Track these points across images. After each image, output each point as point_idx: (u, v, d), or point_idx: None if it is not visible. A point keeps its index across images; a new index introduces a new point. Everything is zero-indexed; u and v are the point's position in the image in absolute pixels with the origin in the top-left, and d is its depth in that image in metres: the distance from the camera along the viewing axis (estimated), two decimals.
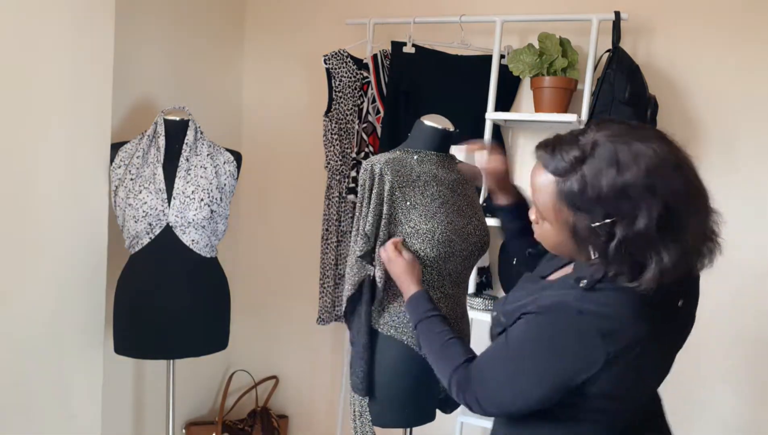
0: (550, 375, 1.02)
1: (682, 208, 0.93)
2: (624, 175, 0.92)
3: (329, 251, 2.43)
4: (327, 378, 2.79)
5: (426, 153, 1.56)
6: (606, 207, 0.94)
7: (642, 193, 0.92)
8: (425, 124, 1.57)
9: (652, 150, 0.93)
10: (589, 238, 0.97)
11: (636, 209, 0.92)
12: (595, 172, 0.94)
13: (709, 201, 0.98)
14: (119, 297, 1.95)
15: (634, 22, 2.15)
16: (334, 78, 2.39)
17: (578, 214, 0.97)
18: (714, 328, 2.14)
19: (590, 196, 0.94)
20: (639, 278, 0.95)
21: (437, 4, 2.42)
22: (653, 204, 0.91)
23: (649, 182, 0.91)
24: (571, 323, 1.00)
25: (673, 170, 0.93)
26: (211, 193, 1.94)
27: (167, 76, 2.34)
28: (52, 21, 1.69)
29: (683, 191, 0.94)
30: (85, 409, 1.92)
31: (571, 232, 1.00)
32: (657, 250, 0.93)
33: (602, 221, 0.94)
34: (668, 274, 0.94)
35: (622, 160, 0.93)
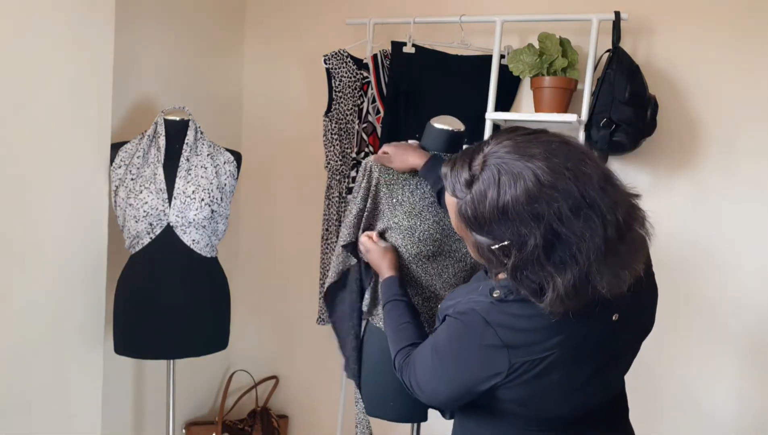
0: (456, 379, 1.06)
1: (571, 231, 0.88)
2: (504, 198, 0.90)
3: (329, 251, 2.42)
4: (327, 378, 2.78)
5: (431, 154, 1.59)
6: (495, 230, 0.93)
7: (523, 216, 0.89)
8: (434, 127, 1.61)
9: (533, 171, 0.89)
10: (491, 259, 0.97)
11: (522, 233, 0.89)
12: (480, 195, 0.93)
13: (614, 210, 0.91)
14: (119, 297, 1.95)
15: (634, 22, 2.15)
16: (334, 78, 2.39)
17: (477, 235, 0.96)
18: (714, 327, 2.14)
19: (480, 220, 0.93)
20: (542, 301, 0.93)
21: (437, 4, 2.42)
22: (537, 228, 0.88)
23: (530, 205, 0.88)
24: (478, 332, 1.01)
25: (557, 193, 0.88)
26: (212, 193, 1.94)
27: (167, 76, 2.34)
28: (52, 21, 1.69)
29: (570, 214, 0.88)
30: (85, 409, 1.92)
31: (477, 252, 1.01)
32: (550, 274, 0.90)
33: (499, 244, 0.93)
34: (570, 297, 0.90)
35: (503, 181, 0.90)
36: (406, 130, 2.34)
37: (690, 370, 2.18)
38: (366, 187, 1.55)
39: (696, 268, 2.17)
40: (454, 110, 1.78)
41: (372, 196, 1.54)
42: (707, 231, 2.15)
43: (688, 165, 2.17)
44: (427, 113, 2.29)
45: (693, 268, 2.17)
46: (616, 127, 2.01)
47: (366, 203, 1.55)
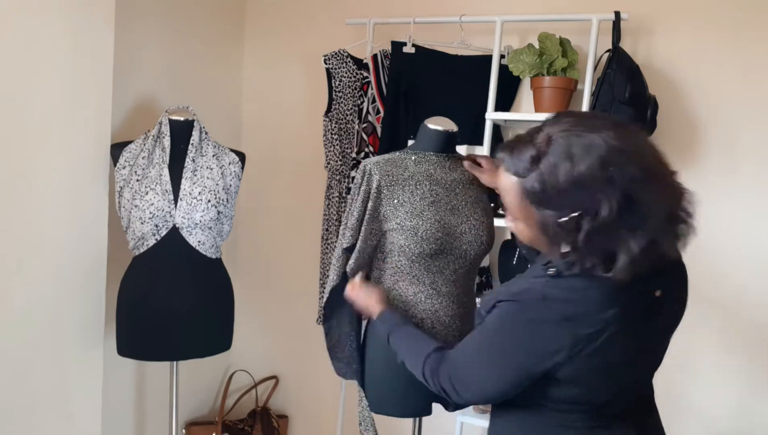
0: (515, 362, 1.05)
1: (642, 194, 0.94)
2: (579, 168, 0.93)
3: (329, 251, 2.42)
4: (327, 378, 2.78)
5: (425, 154, 1.61)
6: (567, 201, 0.95)
7: (599, 183, 0.93)
8: (427, 127, 1.63)
9: (603, 140, 0.94)
10: (558, 233, 0.98)
11: (596, 200, 0.93)
12: (551, 169, 0.95)
13: (673, 183, 0.99)
14: (122, 298, 1.94)
15: (634, 22, 2.15)
16: (334, 78, 2.39)
17: (543, 211, 0.98)
18: (714, 327, 2.14)
19: (551, 193, 0.96)
20: (612, 269, 0.96)
21: (437, 4, 2.42)
22: (612, 193, 0.92)
23: (604, 172, 0.93)
24: (537, 310, 1.03)
25: (627, 157, 0.94)
26: (218, 195, 1.94)
27: (167, 76, 2.34)
28: (52, 21, 1.69)
29: (640, 177, 0.94)
30: (85, 409, 1.92)
31: (540, 229, 1.01)
32: (623, 238, 0.94)
33: (568, 216, 0.95)
34: (639, 261, 0.95)
35: (576, 153, 0.94)
36: (406, 131, 2.34)
37: (689, 370, 2.18)
38: (366, 190, 1.55)
39: (696, 267, 2.16)
40: (453, 110, 1.78)
41: (373, 198, 1.54)
42: (707, 230, 2.13)
43: (688, 165, 2.17)
44: (427, 113, 2.29)
45: (692, 267, 2.16)
46: None
47: (366, 206, 1.55)
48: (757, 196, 2.11)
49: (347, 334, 1.65)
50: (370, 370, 1.64)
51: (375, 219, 1.55)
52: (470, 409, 2.22)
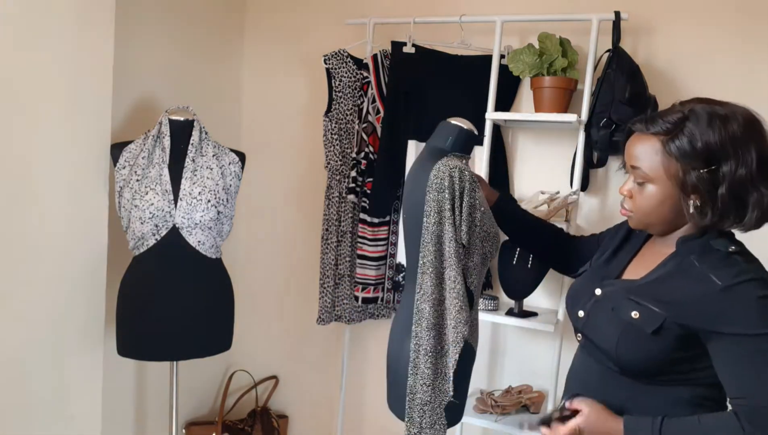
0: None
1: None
2: (728, 127, 1.11)
3: (329, 251, 2.43)
4: (327, 378, 2.79)
5: (464, 156, 1.57)
6: (713, 155, 1.11)
7: (741, 142, 1.10)
8: (451, 124, 1.56)
9: (740, 111, 1.14)
10: (698, 186, 1.11)
11: (738, 156, 1.10)
12: (701, 127, 1.12)
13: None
14: (123, 299, 1.94)
15: (634, 22, 2.15)
16: (334, 78, 2.39)
17: (688, 164, 1.12)
18: None
19: (699, 147, 1.11)
20: (743, 218, 1.13)
21: (437, 4, 2.42)
22: (751, 151, 1.10)
23: (747, 133, 1.11)
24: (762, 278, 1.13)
25: (759, 126, 1.13)
26: (218, 195, 1.94)
27: (167, 76, 2.34)
28: (53, 21, 1.69)
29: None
30: (85, 409, 1.92)
31: (680, 185, 1.14)
32: (758, 189, 1.11)
33: (710, 168, 1.11)
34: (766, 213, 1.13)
35: (722, 115, 1.12)
36: (406, 131, 2.35)
37: None
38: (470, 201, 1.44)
39: None
40: (453, 110, 1.78)
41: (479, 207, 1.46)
42: None
43: None
44: (427, 113, 2.30)
45: None
46: (616, 127, 2.01)
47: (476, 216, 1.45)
48: None
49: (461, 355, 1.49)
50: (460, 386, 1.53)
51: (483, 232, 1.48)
52: (470, 410, 2.22)
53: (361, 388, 2.69)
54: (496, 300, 2.26)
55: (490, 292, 2.38)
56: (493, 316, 2.20)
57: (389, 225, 2.36)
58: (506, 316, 2.20)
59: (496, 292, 2.38)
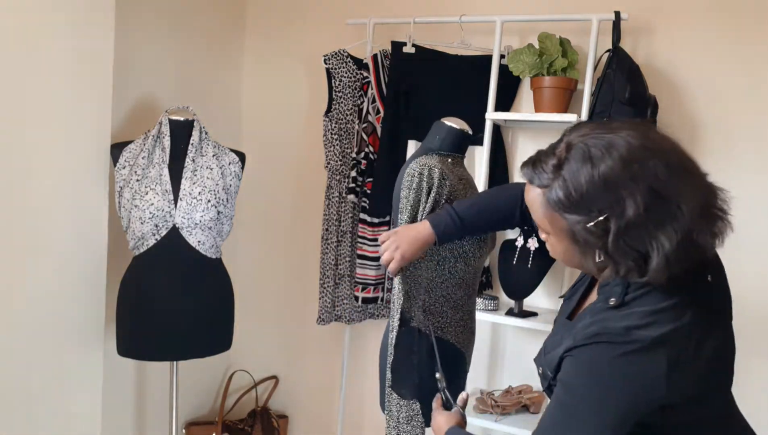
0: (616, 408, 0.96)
1: (670, 189, 0.91)
2: (599, 168, 0.92)
3: (329, 251, 2.43)
4: (327, 378, 2.79)
5: (454, 156, 1.57)
6: (593, 204, 0.93)
7: (622, 181, 0.91)
8: (450, 126, 1.57)
9: (623, 138, 0.93)
10: (588, 239, 0.95)
11: (621, 199, 0.91)
12: (573, 174, 0.94)
13: (703, 179, 0.96)
14: (123, 299, 1.94)
15: (634, 22, 2.15)
16: (334, 78, 2.39)
17: (570, 217, 0.96)
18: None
19: (575, 198, 0.94)
20: (647, 271, 0.93)
21: (437, 4, 2.42)
22: (636, 190, 0.90)
23: (626, 170, 0.91)
24: (622, 344, 0.95)
25: (650, 154, 0.92)
26: (218, 194, 1.94)
27: (167, 76, 2.34)
28: (52, 21, 1.69)
29: (666, 172, 0.91)
30: (85, 409, 1.93)
31: (571, 238, 0.99)
32: (654, 236, 0.91)
33: (595, 219, 0.93)
34: (674, 260, 0.91)
35: (594, 154, 0.93)
36: (406, 131, 2.35)
37: None
38: (436, 198, 1.47)
39: None
40: (453, 110, 1.78)
41: (444, 202, 1.47)
42: None
43: None
44: (427, 113, 2.29)
45: None
46: None
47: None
48: (757, 197, 2.11)
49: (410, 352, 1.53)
50: (426, 388, 1.53)
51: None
52: (470, 409, 2.22)
53: (361, 388, 2.69)
54: (496, 300, 2.26)
55: (490, 292, 2.37)
56: (493, 316, 2.20)
57: (389, 225, 2.36)
58: (506, 316, 2.20)
59: (496, 292, 2.38)
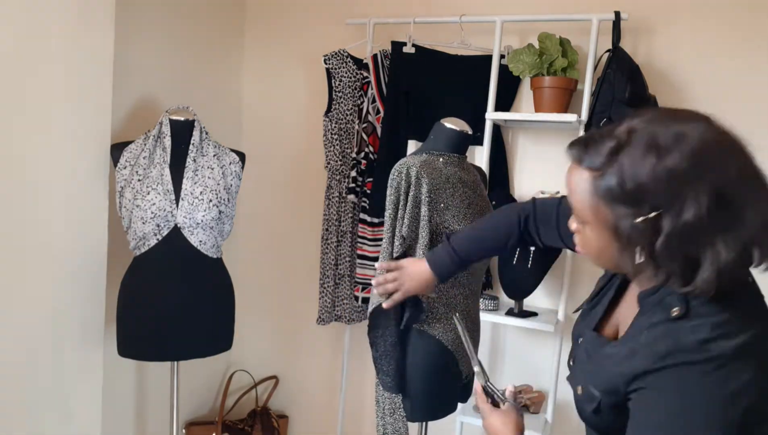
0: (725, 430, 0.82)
1: (737, 193, 0.81)
2: (665, 160, 0.81)
3: (329, 251, 2.43)
4: (327, 378, 2.79)
5: (449, 155, 1.60)
6: (648, 198, 0.82)
7: (687, 178, 0.80)
8: (447, 128, 1.60)
9: (696, 130, 0.82)
10: (633, 236, 0.85)
11: (682, 197, 0.80)
12: (633, 161, 0.83)
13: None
14: (124, 299, 1.94)
15: (634, 22, 2.15)
16: (334, 78, 2.39)
17: (619, 210, 0.85)
18: None
19: (629, 188, 0.83)
20: (693, 280, 0.83)
21: (437, 4, 2.42)
22: (701, 190, 0.80)
23: (694, 166, 0.80)
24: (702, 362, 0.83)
25: (721, 152, 0.82)
26: (219, 194, 1.94)
27: (167, 76, 2.34)
28: (53, 21, 1.69)
29: (735, 175, 0.82)
30: (85, 409, 1.92)
31: (613, 233, 0.88)
32: (712, 242, 0.81)
33: (646, 215, 0.83)
34: (727, 271, 0.81)
35: (663, 143, 0.82)
36: (406, 130, 2.35)
37: None
38: (415, 196, 1.50)
39: None
40: (453, 110, 1.79)
41: (426, 203, 1.50)
42: None
43: None
44: (427, 113, 2.30)
45: None
46: None
47: (419, 211, 1.51)
48: None
49: (393, 345, 1.58)
50: (414, 381, 1.58)
51: (416, 223, 1.52)
52: (470, 409, 2.22)
53: (361, 388, 2.69)
54: (496, 300, 2.26)
55: (490, 292, 2.38)
56: (493, 316, 2.20)
57: None
58: (506, 316, 2.20)
59: (496, 292, 2.38)
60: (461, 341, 1.59)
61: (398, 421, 1.60)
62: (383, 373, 1.59)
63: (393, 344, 1.57)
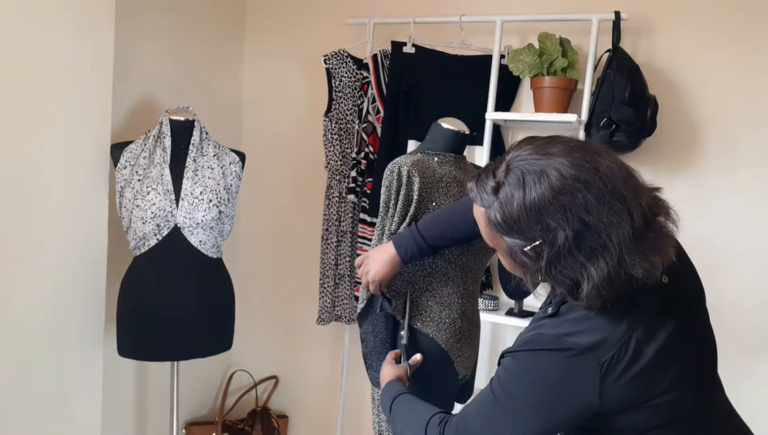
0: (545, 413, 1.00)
1: (599, 221, 0.91)
2: (530, 196, 0.93)
3: (329, 251, 2.43)
4: (327, 378, 2.79)
5: (445, 155, 1.60)
6: (527, 230, 0.94)
7: (552, 211, 0.91)
8: (444, 128, 1.60)
9: (554, 167, 0.93)
10: (525, 262, 0.98)
11: (551, 228, 0.92)
12: (507, 198, 0.95)
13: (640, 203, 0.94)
14: (124, 299, 1.94)
15: (634, 22, 2.15)
16: (334, 78, 2.39)
17: (508, 240, 0.98)
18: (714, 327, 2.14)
19: (510, 222, 0.95)
20: (579, 296, 0.95)
21: (437, 4, 2.42)
22: (566, 221, 0.91)
23: (556, 200, 0.91)
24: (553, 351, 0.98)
25: (581, 184, 0.91)
26: (219, 194, 1.94)
27: (167, 76, 2.34)
28: (52, 21, 1.69)
29: (595, 204, 0.91)
30: (85, 409, 1.92)
31: (511, 258, 1.01)
32: (584, 266, 0.92)
33: (530, 245, 0.95)
34: (604, 288, 0.92)
35: (527, 181, 0.94)
36: (406, 130, 2.35)
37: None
38: (406, 195, 1.50)
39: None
40: (453, 110, 1.78)
41: (415, 202, 1.50)
42: (707, 231, 2.15)
43: (687, 165, 2.17)
44: (427, 113, 2.30)
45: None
46: (616, 127, 2.01)
47: (409, 210, 1.51)
48: (757, 197, 2.11)
49: (383, 342, 1.59)
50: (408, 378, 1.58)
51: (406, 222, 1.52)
52: None
53: (361, 388, 2.69)
54: (496, 300, 2.26)
55: (490, 292, 2.38)
56: (493, 316, 2.20)
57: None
58: (506, 316, 2.20)
59: (496, 292, 2.38)
60: (456, 340, 1.59)
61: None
62: (372, 368, 1.61)
63: (383, 341, 1.58)
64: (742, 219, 2.12)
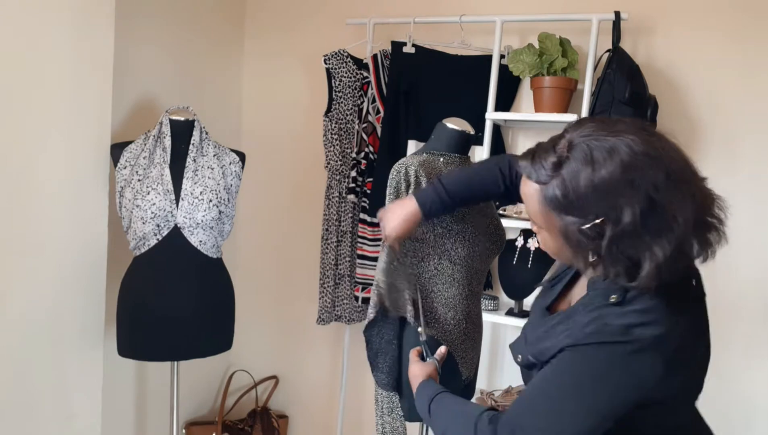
0: (605, 404, 0.98)
1: (668, 199, 0.91)
2: (599, 172, 0.91)
3: (329, 251, 2.43)
4: (327, 378, 2.79)
5: (450, 156, 1.60)
6: (590, 207, 0.93)
7: (621, 188, 0.91)
8: (449, 128, 1.60)
9: (626, 144, 0.92)
10: (581, 241, 0.96)
11: (618, 206, 0.91)
12: (572, 174, 0.93)
13: (703, 188, 0.96)
14: (123, 299, 1.94)
15: (634, 22, 2.15)
16: (334, 78, 2.39)
17: (565, 218, 0.96)
18: (712, 328, 2.14)
19: (572, 199, 0.94)
20: (637, 276, 0.93)
21: (437, 4, 2.42)
22: (635, 198, 0.90)
23: (626, 176, 0.90)
24: (622, 344, 0.96)
25: (651, 161, 0.91)
26: (219, 194, 1.94)
27: (167, 76, 2.34)
28: (52, 21, 1.69)
29: (664, 182, 0.91)
30: (85, 409, 1.92)
31: (564, 237, 0.98)
32: (648, 245, 0.91)
33: (590, 223, 0.93)
34: (665, 269, 0.92)
35: (597, 157, 0.92)
36: (406, 130, 2.35)
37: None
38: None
39: None
40: (453, 110, 1.78)
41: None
42: None
43: None
44: (427, 113, 2.30)
45: None
46: None
47: None
48: (757, 197, 2.11)
49: (389, 342, 1.58)
50: (408, 382, 1.57)
51: (425, 225, 1.52)
52: None
53: (361, 388, 2.69)
54: (496, 300, 2.26)
55: (490, 292, 2.38)
56: (493, 316, 2.20)
57: None
58: (506, 316, 2.20)
59: (496, 292, 2.38)
60: (461, 342, 1.59)
61: (396, 420, 1.61)
62: (378, 369, 1.60)
63: (389, 341, 1.57)
64: (742, 218, 2.12)
